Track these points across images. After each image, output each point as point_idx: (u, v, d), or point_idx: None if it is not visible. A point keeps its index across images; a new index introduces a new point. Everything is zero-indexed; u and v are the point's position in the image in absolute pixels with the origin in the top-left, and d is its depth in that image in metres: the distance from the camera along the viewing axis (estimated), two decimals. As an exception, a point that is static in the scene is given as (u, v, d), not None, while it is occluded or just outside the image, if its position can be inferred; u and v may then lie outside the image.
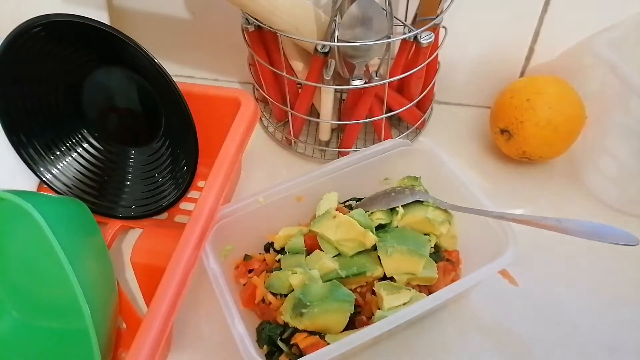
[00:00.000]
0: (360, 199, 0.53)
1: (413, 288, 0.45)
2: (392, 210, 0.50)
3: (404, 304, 0.43)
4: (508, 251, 0.43)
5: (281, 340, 0.44)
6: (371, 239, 0.47)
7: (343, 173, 0.51)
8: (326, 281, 0.45)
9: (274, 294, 0.46)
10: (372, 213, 0.49)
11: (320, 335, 0.44)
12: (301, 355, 0.41)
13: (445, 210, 0.49)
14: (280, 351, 0.44)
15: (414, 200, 0.49)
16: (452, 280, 0.48)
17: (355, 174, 0.52)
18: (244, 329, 0.40)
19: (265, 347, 0.45)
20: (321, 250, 0.48)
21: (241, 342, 0.39)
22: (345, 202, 0.53)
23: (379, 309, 0.44)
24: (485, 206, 0.46)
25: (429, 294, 0.44)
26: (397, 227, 0.49)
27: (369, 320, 0.44)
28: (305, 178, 0.50)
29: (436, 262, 0.47)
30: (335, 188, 0.51)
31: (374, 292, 0.46)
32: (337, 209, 0.50)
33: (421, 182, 0.51)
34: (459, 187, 0.49)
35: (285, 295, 0.46)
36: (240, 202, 0.48)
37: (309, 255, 0.48)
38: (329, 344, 0.41)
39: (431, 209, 0.49)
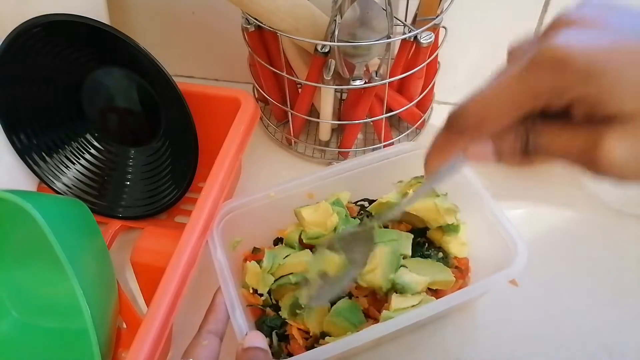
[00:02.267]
0: (373, 200, 0.53)
1: (427, 293, 0.45)
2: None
3: (413, 306, 0.43)
4: (517, 261, 0.42)
5: (277, 333, 0.45)
6: (334, 221, 0.47)
7: (357, 173, 0.51)
8: (297, 281, 0.45)
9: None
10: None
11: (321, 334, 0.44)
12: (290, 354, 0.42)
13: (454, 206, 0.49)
14: (281, 340, 0.45)
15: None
16: (460, 288, 0.47)
17: (368, 175, 0.51)
18: (245, 321, 0.40)
19: (268, 339, 0.45)
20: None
21: (240, 334, 0.39)
22: (357, 202, 0.53)
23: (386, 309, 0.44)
24: (494, 212, 0.46)
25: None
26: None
27: (374, 320, 0.44)
28: (318, 175, 0.50)
29: None
30: (347, 187, 0.51)
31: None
32: (347, 208, 0.50)
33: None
34: (469, 192, 0.48)
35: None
36: (252, 195, 0.48)
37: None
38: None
39: (441, 197, 0.49)
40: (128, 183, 0.58)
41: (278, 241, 0.51)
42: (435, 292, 0.46)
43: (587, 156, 0.22)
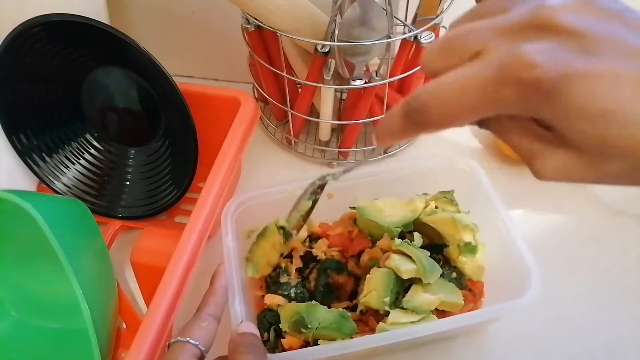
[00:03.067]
0: None
1: (432, 312, 0.44)
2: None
3: (412, 322, 0.42)
4: (530, 292, 0.41)
5: (275, 330, 0.45)
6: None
7: (380, 179, 0.50)
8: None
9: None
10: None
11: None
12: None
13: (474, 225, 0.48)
14: (279, 337, 0.44)
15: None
16: (470, 311, 0.45)
17: (392, 183, 0.50)
18: (242, 309, 0.40)
19: (266, 334, 0.45)
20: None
21: (235, 321, 0.39)
22: None
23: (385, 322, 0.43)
24: (509, 229, 0.45)
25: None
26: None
27: (371, 331, 0.44)
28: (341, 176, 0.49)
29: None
30: (370, 192, 0.50)
31: None
32: None
33: (453, 196, 0.50)
34: (487, 206, 0.47)
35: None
36: (269, 188, 0.48)
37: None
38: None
39: (461, 214, 0.48)
40: (128, 183, 0.58)
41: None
42: (441, 313, 0.45)
43: (526, 159, 0.24)
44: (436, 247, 0.48)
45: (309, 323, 0.42)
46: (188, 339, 0.35)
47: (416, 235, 0.47)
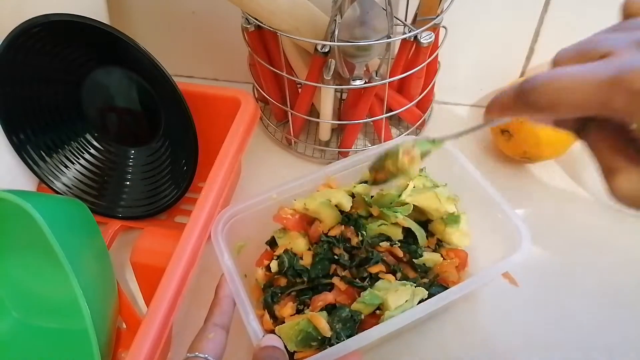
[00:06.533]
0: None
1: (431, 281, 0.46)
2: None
3: (406, 301, 0.43)
4: (521, 249, 0.43)
5: None
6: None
7: (357, 170, 0.50)
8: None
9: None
10: (381, 189, 0.50)
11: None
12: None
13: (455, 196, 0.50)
14: None
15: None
16: (460, 280, 0.47)
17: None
18: (259, 325, 0.40)
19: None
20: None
21: (255, 337, 0.39)
22: None
23: (386, 309, 0.43)
24: (496, 201, 0.47)
25: (430, 288, 0.45)
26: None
27: (376, 320, 0.44)
28: (318, 175, 0.50)
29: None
30: (349, 184, 0.51)
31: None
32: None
33: (427, 173, 0.51)
34: (470, 182, 0.49)
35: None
36: (254, 198, 0.48)
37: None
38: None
39: (440, 188, 0.49)
40: (128, 183, 0.58)
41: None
42: (439, 281, 0.47)
43: (605, 175, 0.24)
44: (421, 223, 0.50)
45: (317, 334, 0.41)
46: (197, 353, 0.35)
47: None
